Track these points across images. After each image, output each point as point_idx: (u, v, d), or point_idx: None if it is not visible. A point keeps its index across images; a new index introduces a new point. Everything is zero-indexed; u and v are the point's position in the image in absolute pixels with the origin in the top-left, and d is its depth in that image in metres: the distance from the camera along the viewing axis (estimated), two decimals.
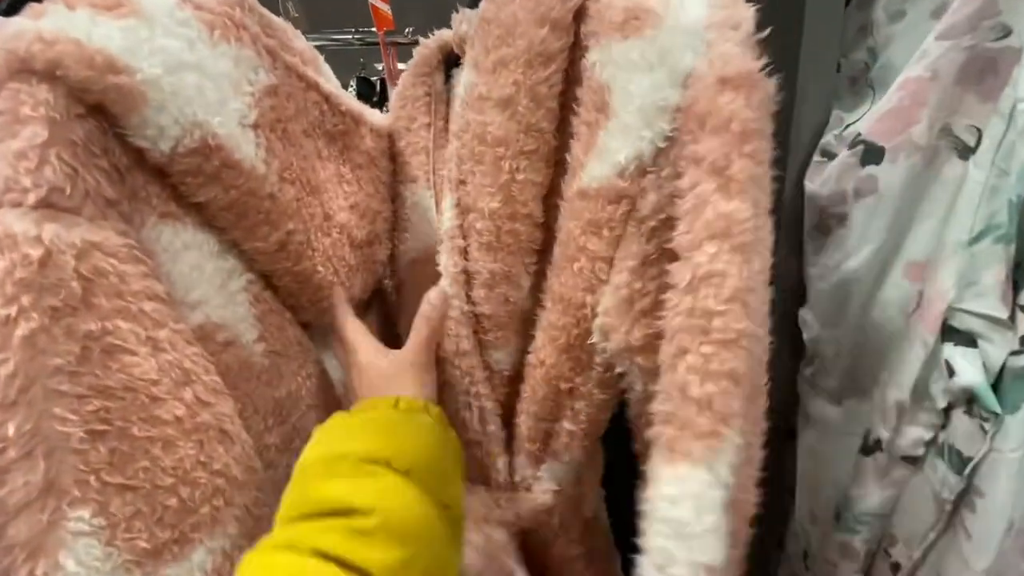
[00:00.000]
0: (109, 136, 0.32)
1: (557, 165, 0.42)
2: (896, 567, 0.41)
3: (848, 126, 0.44)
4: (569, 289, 0.40)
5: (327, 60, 0.60)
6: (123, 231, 0.33)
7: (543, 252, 0.44)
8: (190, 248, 0.38)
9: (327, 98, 0.50)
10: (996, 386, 0.34)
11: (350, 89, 1.17)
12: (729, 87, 0.30)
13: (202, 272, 0.39)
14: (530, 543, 0.51)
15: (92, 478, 0.30)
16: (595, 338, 0.38)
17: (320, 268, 0.48)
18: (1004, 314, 0.33)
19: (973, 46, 0.34)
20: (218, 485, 0.37)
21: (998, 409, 0.33)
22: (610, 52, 0.34)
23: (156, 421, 0.33)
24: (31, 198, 0.28)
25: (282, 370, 0.47)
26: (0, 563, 0.28)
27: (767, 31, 0.32)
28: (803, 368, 0.49)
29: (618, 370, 0.38)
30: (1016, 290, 0.33)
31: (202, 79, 0.35)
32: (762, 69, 0.30)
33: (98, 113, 0.31)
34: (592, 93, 0.36)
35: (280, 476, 0.46)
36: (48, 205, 0.28)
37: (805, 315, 0.47)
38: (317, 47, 0.68)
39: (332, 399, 0.54)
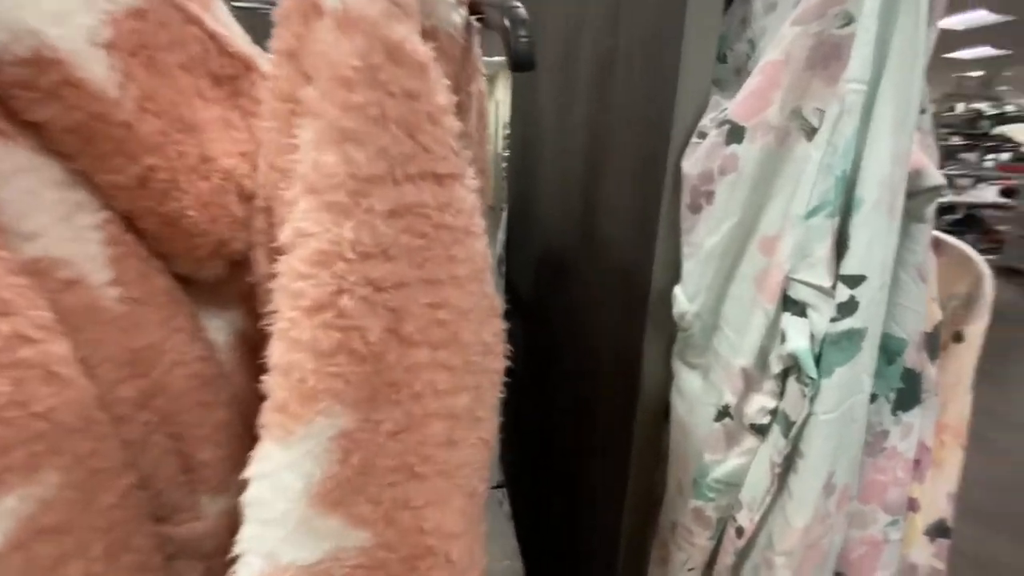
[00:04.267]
0: None
1: None
2: (740, 531, 0.43)
3: (724, 110, 0.46)
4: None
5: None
6: None
7: None
8: (24, 172, 0.36)
9: (212, 36, 0.47)
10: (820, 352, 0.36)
11: None
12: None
13: (39, 200, 0.37)
14: None
15: None
16: None
17: (192, 213, 0.45)
18: (828, 283, 0.35)
19: (820, 32, 0.37)
20: (38, 429, 0.34)
21: (814, 374, 0.35)
22: None
23: None
24: None
25: (141, 320, 0.45)
26: None
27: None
28: (676, 345, 0.51)
29: None
30: (837, 260, 0.35)
31: None
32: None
33: None
34: None
35: (136, 433, 0.44)
36: None
37: (676, 292, 0.48)
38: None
39: (209, 360, 0.52)
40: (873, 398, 0.42)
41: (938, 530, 0.55)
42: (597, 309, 0.71)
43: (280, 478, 0.28)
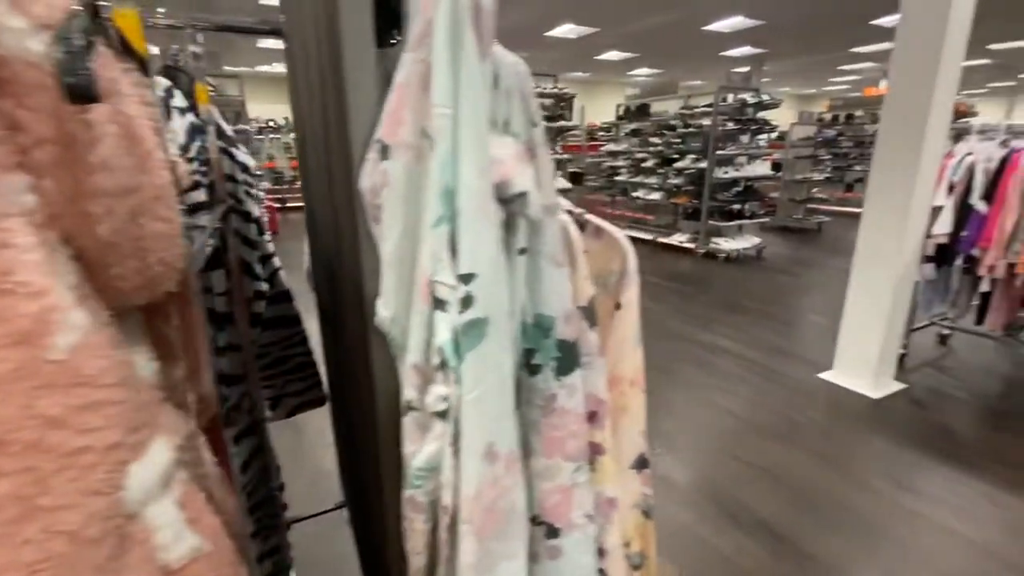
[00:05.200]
0: None
1: None
2: (445, 509, 0.47)
3: None
4: None
5: None
6: None
7: None
8: None
9: None
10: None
11: None
12: None
13: None
14: None
15: None
16: None
17: None
18: (454, 282, 0.41)
19: (423, 59, 0.41)
20: None
21: (453, 362, 0.41)
22: None
23: None
24: None
25: None
26: None
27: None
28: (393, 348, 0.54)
29: None
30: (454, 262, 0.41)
31: None
32: None
33: None
34: None
35: None
36: None
37: (378, 302, 0.51)
38: None
39: None
40: (540, 368, 0.49)
41: (640, 463, 0.66)
42: (347, 319, 0.72)
43: None
